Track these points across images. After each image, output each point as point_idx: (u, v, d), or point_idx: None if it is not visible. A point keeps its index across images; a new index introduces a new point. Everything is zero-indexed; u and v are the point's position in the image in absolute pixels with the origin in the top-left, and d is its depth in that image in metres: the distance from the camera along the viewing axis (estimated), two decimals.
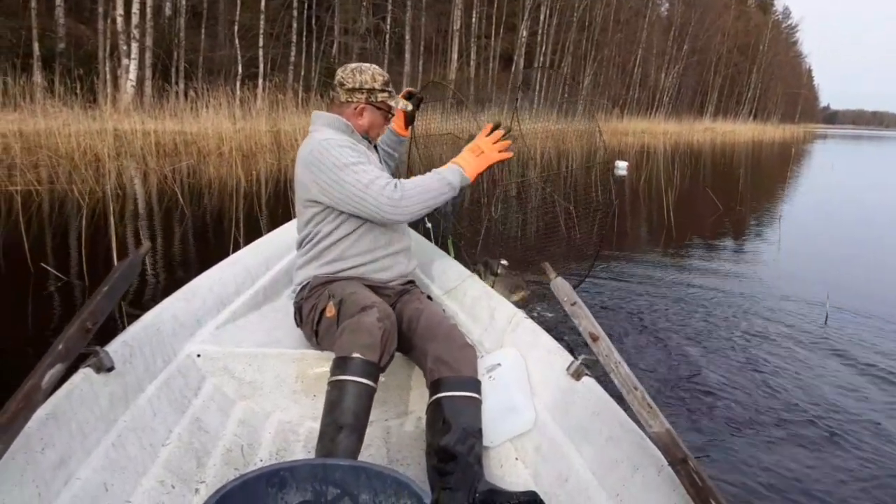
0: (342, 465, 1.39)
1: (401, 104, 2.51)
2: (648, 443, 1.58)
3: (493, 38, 27.36)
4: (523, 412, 2.09)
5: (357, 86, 2.35)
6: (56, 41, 16.09)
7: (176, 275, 4.77)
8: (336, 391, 1.87)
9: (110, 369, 1.77)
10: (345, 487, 1.38)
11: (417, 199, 2.12)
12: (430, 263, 3.29)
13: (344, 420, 1.83)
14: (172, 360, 2.17)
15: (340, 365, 1.89)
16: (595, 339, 1.79)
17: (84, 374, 1.70)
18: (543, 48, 29.41)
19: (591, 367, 1.96)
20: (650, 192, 10.68)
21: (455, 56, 24.95)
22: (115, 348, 1.85)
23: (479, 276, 2.74)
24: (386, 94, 2.41)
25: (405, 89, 2.68)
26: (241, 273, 2.89)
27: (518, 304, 2.48)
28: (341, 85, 2.37)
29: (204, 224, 6.73)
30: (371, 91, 2.36)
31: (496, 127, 2.26)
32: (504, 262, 2.64)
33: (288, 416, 2.28)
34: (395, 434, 2.25)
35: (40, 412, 1.48)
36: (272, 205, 7.73)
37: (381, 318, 1.97)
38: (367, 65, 2.40)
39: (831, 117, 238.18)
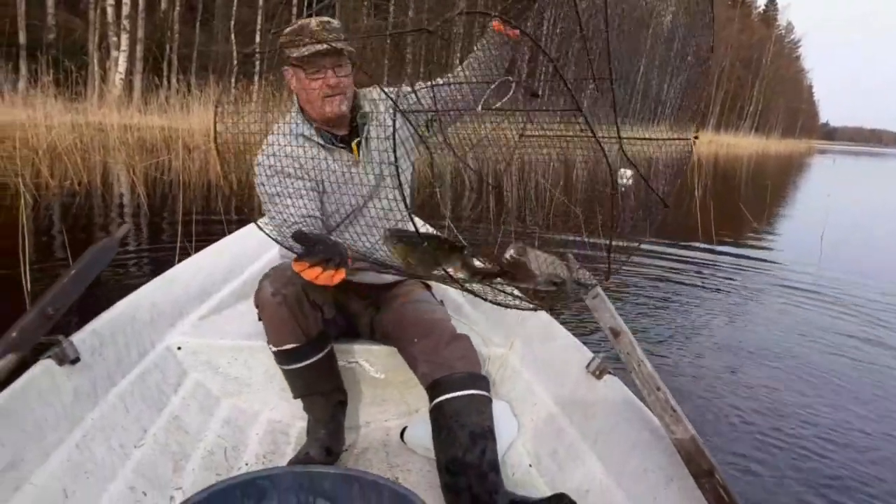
0: (331, 474, 1.22)
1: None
2: None
3: None
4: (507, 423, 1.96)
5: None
6: (45, 31, 15.68)
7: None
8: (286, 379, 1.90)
9: (75, 361, 1.61)
10: (335, 499, 1.21)
11: None
12: None
13: (305, 391, 1.88)
14: (149, 353, 1.99)
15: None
16: (617, 334, 1.68)
17: (44, 366, 1.55)
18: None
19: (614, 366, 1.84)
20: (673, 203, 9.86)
21: (457, 61, 24.70)
22: (82, 338, 1.69)
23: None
24: (294, 48, 1.71)
25: None
26: (228, 260, 2.65)
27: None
28: None
29: (162, 225, 6.09)
30: (284, 51, 1.75)
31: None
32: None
33: (278, 416, 2.08)
34: (395, 437, 2.05)
35: None
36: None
37: (276, 291, 1.72)
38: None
39: (830, 133, 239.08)
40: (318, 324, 1.78)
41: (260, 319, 1.85)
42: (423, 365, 1.77)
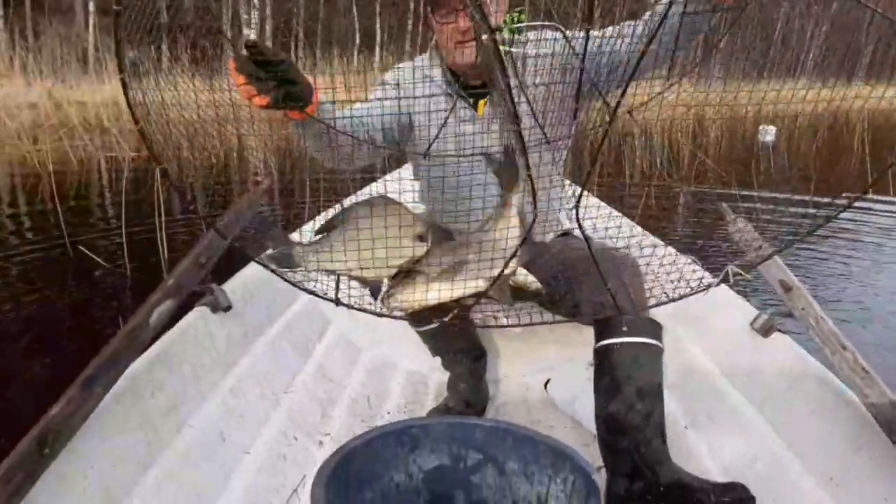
0: (484, 426, 1.19)
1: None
2: None
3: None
4: None
5: None
6: (183, 12, 16.68)
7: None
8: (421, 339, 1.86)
9: (227, 308, 1.68)
10: (487, 452, 1.16)
11: None
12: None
13: (440, 351, 1.85)
14: (294, 303, 2.06)
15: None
16: (788, 289, 1.55)
17: (199, 313, 1.61)
18: None
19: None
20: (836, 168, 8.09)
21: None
22: (233, 287, 1.76)
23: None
24: None
25: None
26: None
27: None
28: None
29: (292, 188, 6.18)
30: None
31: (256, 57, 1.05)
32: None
33: (416, 367, 2.10)
34: (535, 392, 1.97)
35: (150, 353, 1.40)
36: None
37: None
38: None
39: None
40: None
41: None
42: (594, 297, 1.48)
